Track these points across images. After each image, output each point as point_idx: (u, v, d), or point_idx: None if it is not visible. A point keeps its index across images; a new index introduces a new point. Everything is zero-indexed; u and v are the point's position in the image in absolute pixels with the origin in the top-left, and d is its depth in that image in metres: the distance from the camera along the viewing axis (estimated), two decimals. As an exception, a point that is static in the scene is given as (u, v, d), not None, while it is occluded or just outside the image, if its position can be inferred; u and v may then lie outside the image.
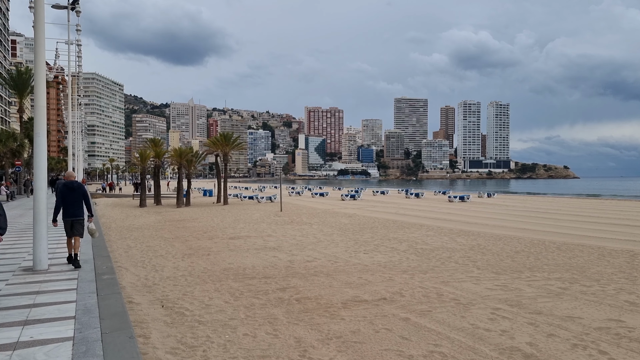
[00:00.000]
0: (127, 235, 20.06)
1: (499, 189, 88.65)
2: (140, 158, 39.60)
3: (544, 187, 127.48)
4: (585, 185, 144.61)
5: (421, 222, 23.44)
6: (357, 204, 38.83)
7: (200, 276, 11.40)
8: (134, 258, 14.16)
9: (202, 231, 21.08)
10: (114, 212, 32.83)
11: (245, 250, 15.39)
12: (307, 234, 19.47)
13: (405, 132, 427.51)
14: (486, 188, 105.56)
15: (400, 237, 17.93)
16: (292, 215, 27.93)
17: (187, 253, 15.04)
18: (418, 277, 10.98)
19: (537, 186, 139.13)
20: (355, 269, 12.06)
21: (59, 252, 11.57)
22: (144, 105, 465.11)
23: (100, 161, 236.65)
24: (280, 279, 10.92)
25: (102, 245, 12.02)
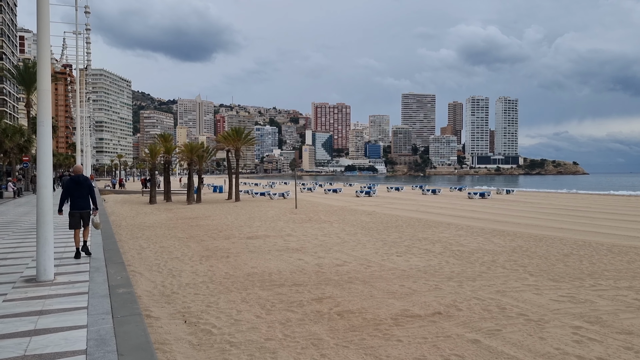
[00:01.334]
0: (138, 234, 18.98)
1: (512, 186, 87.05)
2: (150, 154, 38.54)
3: (555, 183, 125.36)
4: (598, 182, 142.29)
5: (447, 221, 22.21)
6: (373, 200, 37.60)
7: (222, 283, 10.27)
8: (147, 261, 13.06)
9: (217, 230, 19.97)
10: (124, 210, 31.81)
11: (267, 252, 14.26)
12: (329, 233, 18.32)
13: (413, 128, 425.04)
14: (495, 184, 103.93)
15: (430, 237, 16.73)
16: (309, 213, 26.78)
17: (205, 255, 13.93)
18: (467, 285, 9.79)
19: (547, 182, 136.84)
20: (393, 274, 10.89)
21: (67, 255, 10.47)
22: (152, 102, 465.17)
23: (108, 157, 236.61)
24: (312, 287, 9.77)
25: (115, 248, 10.89)
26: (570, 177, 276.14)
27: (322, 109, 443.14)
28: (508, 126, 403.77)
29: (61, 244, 12.22)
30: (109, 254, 9.88)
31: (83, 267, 8.61)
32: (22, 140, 39.60)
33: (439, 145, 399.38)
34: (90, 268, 8.38)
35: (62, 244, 12.23)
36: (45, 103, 6.82)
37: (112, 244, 11.36)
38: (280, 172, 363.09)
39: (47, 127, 6.77)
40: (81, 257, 10.32)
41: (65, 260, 9.81)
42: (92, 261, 9.15)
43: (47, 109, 6.83)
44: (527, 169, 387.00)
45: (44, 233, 6.99)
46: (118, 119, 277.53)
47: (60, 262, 9.45)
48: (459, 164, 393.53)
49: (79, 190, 10.56)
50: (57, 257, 10.03)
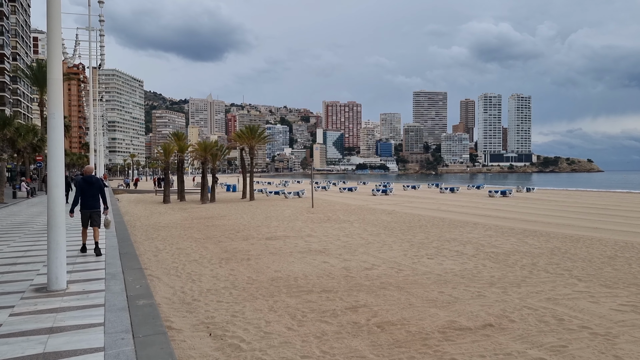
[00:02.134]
0: (153, 235, 18.37)
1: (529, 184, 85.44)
2: (164, 152, 38.00)
3: (572, 181, 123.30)
4: (615, 179, 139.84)
5: (473, 220, 21.34)
6: (391, 199, 36.75)
7: (246, 289, 9.56)
8: (164, 264, 12.40)
9: (234, 230, 19.30)
10: (138, 209, 31.29)
11: (288, 254, 13.54)
12: (351, 233, 17.56)
13: (425, 125, 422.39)
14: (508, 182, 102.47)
15: (459, 238, 15.91)
16: (326, 212, 26.04)
17: (224, 257, 13.24)
18: (513, 292, 8.98)
19: (563, 180, 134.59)
20: (428, 279, 10.11)
21: (80, 260, 9.82)
22: (163, 102, 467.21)
23: (121, 157, 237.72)
24: (343, 294, 9.02)
25: (131, 251, 10.20)
26: (585, 174, 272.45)
27: (333, 108, 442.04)
28: (521, 123, 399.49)
29: (75, 246, 11.60)
30: (125, 258, 9.20)
31: (98, 274, 7.93)
32: (35, 139, 39.28)
33: (451, 143, 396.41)
34: (106, 275, 7.69)
35: (75, 246, 11.61)
36: (56, 93, 6.13)
37: (128, 247, 10.69)
38: (291, 170, 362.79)
39: (58, 120, 6.09)
40: (87, 252, 10.78)
41: (79, 266, 9.15)
42: (108, 267, 8.46)
43: (58, 99, 6.15)
44: (540, 166, 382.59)
45: (55, 237, 6.30)
46: (130, 118, 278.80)
47: (74, 268, 8.78)
48: (472, 162, 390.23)
49: (91, 190, 10.90)
50: (70, 262, 9.39)
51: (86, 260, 9.55)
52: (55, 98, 6.14)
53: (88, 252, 10.80)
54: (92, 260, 9.50)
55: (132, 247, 10.83)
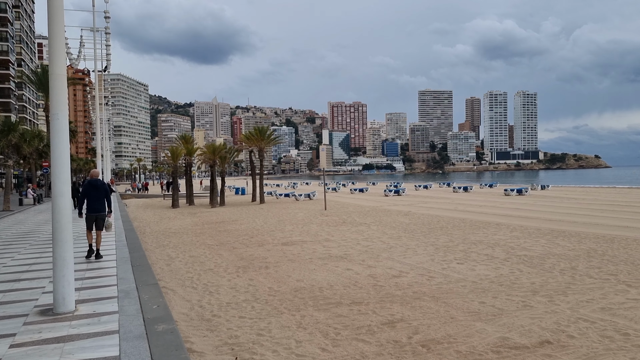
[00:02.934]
0: (164, 242, 17.72)
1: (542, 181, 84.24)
2: (172, 156, 37.39)
3: (582, 177, 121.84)
4: (625, 175, 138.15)
5: (494, 220, 20.53)
6: (404, 199, 35.97)
7: (269, 301, 8.85)
8: (178, 274, 11.73)
9: (247, 235, 18.62)
10: (147, 215, 30.70)
11: (308, 261, 12.83)
12: (371, 237, 16.83)
13: (430, 124, 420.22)
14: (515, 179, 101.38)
15: (485, 240, 15.13)
16: (341, 215, 25.31)
17: (241, 265, 12.55)
18: (561, 301, 8.23)
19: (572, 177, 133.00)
20: (464, 287, 9.37)
21: (89, 275, 9.12)
22: (168, 105, 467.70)
23: (127, 161, 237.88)
24: (375, 306, 8.30)
25: (144, 263, 9.47)
26: (593, 171, 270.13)
27: (339, 108, 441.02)
28: (527, 120, 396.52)
29: (82, 254, 10.93)
30: (138, 272, 8.48)
31: (110, 291, 7.18)
32: (41, 145, 38.78)
33: (457, 142, 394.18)
34: (119, 292, 6.95)
35: (83, 255, 10.94)
36: (59, 91, 5.43)
37: (141, 258, 9.98)
38: (297, 172, 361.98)
39: (62, 121, 5.39)
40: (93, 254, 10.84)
41: (89, 281, 8.45)
42: (121, 282, 7.72)
43: (62, 98, 5.45)
44: (547, 163, 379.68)
45: (61, 253, 5.59)
46: (136, 123, 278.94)
47: (82, 284, 8.05)
48: (478, 160, 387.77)
49: (96, 193, 11.03)
50: (79, 276, 8.70)
51: (96, 275, 8.83)
52: (58, 97, 5.44)
53: (97, 261, 10.62)
54: (103, 274, 8.80)
55: (144, 258, 10.13)
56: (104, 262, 10.14)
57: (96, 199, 10.95)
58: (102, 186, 11.19)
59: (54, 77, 5.45)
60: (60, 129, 5.46)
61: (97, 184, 11.11)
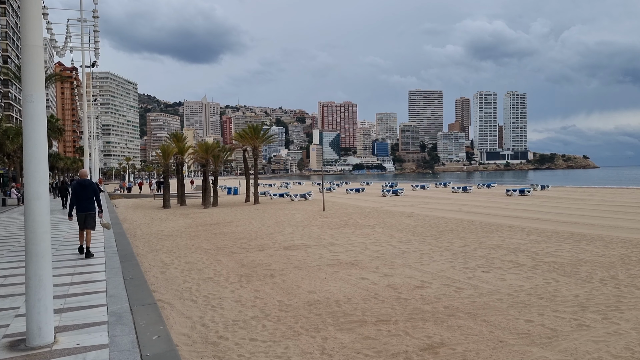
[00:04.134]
0: (157, 245, 16.51)
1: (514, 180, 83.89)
2: (162, 154, 36.04)
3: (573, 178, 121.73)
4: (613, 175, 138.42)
5: (505, 223, 19.51)
6: (403, 200, 34.91)
7: (281, 318, 7.74)
8: (175, 283, 10.57)
9: (245, 238, 17.46)
10: (137, 215, 29.38)
11: (316, 268, 11.72)
12: (378, 241, 15.74)
13: (420, 125, 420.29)
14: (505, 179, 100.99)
15: (503, 245, 14.10)
16: (341, 216, 24.21)
17: (243, 273, 11.41)
18: (618, 318, 7.19)
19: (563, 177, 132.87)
20: (500, 301, 8.31)
21: (73, 291, 7.91)
22: (157, 104, 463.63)
23: (116, 160, 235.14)
24: (406, 325, 7.21)
25: (139, 276, 8.20)
26: (581, 171, 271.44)
27: (329, 108, 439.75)
28: (516, 121, 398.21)
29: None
30: (132, 287, 7.24)
31: (99, 313, 5.93)
32: (26, 143, 37.22)
33: (447, 142, 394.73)
34: (110, 315, 5.70)
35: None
36: (35, 66, 4.24)
37: (134, 268, 8.77)
38: (287, 172, 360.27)
39: (38, 105, 4.21)
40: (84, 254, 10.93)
41: (73, 299, 7.25)
42: (111, 301, 6.48)
43: (38, 75, 4.26)
44: (536, 163, 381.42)
45: (37, 271, 4.38)
46: (125, 122, 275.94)
47: (65, 303, 6.82)
48: (468, 160, 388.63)
49: (85, 193, 11.23)
50: (61, 292, 7.50)
51: (83, 290, 7.56)
52: (33, 74, 4.26)
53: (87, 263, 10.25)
54: (91, 289, 7.55)
55: (138, 268, 8.92)
56: (93, 273, 8.91)
57: (85, 199, 11.21)
58: (91, 186, 11.47)
59: (27, 48, 4.28)
60: (35, 115, 4.29)
61: (85, 183, 11.40)
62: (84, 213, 11.16)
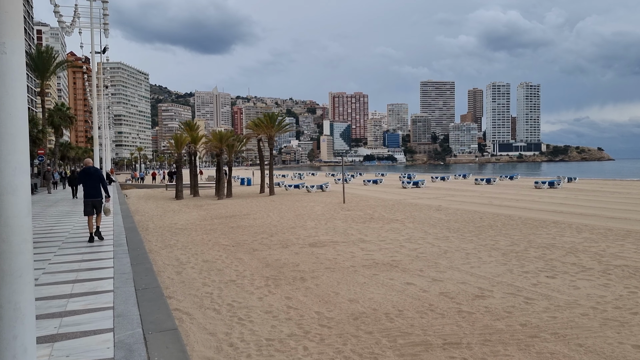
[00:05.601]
0: (171, 240, 15.22)
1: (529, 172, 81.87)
2: (175, 144, 34.81)
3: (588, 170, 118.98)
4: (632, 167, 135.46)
5: (548, 218, 17.95)
6: (426, 192, 33.39)
7: (325, 337, 6.38)
8: (192, 287, 9.25)
9: (265, 233, 16.14)
10: (149, 207, 28.20)
11: (351, 270, 10.36)
12: (413, 237, 14.33)
13: (432, 116, 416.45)
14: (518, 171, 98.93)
15: (555, 243, 12.63)
16: (364, 209, 22.81)
17: (269, 275, 10.07)
18: None
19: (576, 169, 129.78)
20: (586, 317, 6.89)
21: (72, 307, 6.61)
22: (169, 95, 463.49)
23: (127, 151, 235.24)
24: (483, 351, 5.82)
25: (153, 283, 6.79)
26: (596, 163, 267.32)
27: (340, 99, 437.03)
28: (530, 112, 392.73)
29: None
30: (146, 303, 5.78)
31: (102, 342, 4.62)
32: (35, 131, 36.12)
33: (459, 133, 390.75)
34: (116, 346, 4.33)
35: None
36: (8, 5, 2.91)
37: (147, 274, 7.39)
38: (298, 163, 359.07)
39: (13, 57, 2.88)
40: (94, 241, 11.30)
41: (70, 321, 5.97)
42: (119, 324, 5.13)
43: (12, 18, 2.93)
44: (550, 155, 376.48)
45: (12, 297, 2.86)
46: (136, 112, 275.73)
47: (61, 325, 5.55)
48: (480, 151, 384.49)
49: (90, 180, 11.47)
50: (56, 309, 6.19)
51: (84, 306, 6.19)
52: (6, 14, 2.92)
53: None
54: (95, 303, 6.10)
55: (152, 273, 7.56)
56: (99, 280, 7.53)
57: (91, 186, 11.44)
58: (95, 173, 11.67)
59: None
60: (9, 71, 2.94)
61: (90, 171, 11.63)
62: (91, 200, 11.38)
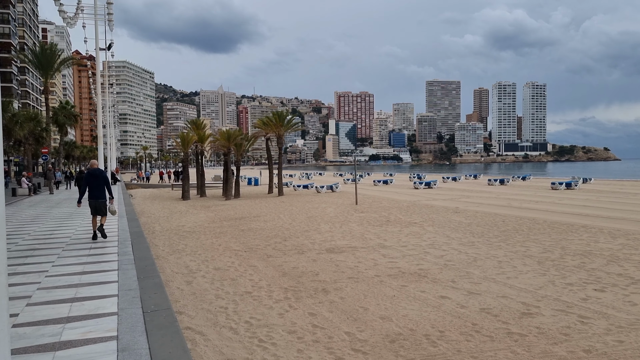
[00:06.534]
0: (180, 245, 14.42)
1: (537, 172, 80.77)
2: (182, 142, 34.01)
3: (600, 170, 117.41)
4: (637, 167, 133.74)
5: (575, 222, 17.01)
6: (440, 193, 32.44)
7: (361, 366, 5.53)
8: (205, 299, 8.43)
9: (278, 237, 15.32)
10: (155, 208, 27.44)
11: (376, 280, 9.52)
12: (436, 242, 13.46)
13: (438, 115, 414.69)
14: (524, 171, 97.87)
15: (591, 250, 11.73)
16: (379, 211, 21.95)
17: (288, 286, 9.24)
18: None
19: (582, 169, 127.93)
20: (656, 341, 6.01)
21: (68, 335, 5.79)
22: (174, 94, 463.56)
23: (133, 150, 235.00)
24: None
25: (164, 304, 5.85)
26: (602, 163, 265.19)
27: (345, 98, 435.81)
28: (536, 112, 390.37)
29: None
30: (156, 333, 4.76)
31: None
32: (38, 129, 35.39)
33: (464, 133, 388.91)
34: None
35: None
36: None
37: (157, 291, 6.51)
38: (303, 162, 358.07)
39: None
40: (97, 239, 11.63)
41: (64, 355, 5.15)
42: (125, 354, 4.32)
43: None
44: (556, 155, 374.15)
45: None
46: (142, 111, 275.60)
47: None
48: (486, 151, 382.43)
49: (95, 182, 11.77)
50: (51, 332, 5.37)
51: (83, 333, 5.40)
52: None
53: None
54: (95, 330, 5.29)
55: (162, 290, 6.68)
56: (101, 298, 6.57)
57: (96, 187, 11.71)
58: (101, 175, 11.97)
59: None
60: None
61: (95, 172, 11.91)
62: (94, 201, 11.67)
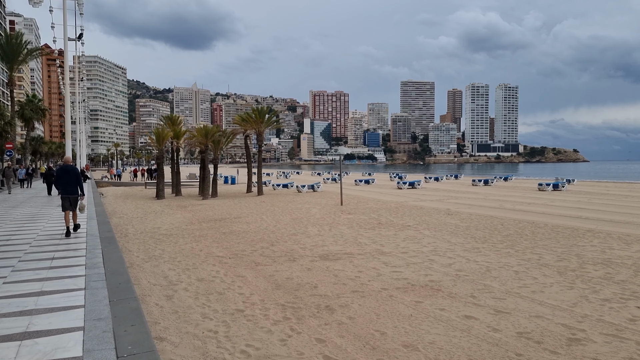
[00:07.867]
0: (156, 251, 13.01)
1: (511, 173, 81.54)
2: (157, 139, 32.31)
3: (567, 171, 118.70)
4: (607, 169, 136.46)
5: (577, 225, 16.16)
6: (425, 193, 31.49)
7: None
8: (190, 321, 7.13)
9: (264, 241, 14.05)
10: (128, 207, 25.79)
11: (386, 295, 8.36)
12: (438, 249, 12.39)
13: (412, 115, 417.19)
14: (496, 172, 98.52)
15: (609, 258, 10.81)
16: (366, 212, 20.85)
17: (285, 303, 8.01)
18: None
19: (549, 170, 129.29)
20: None
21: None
22: (147, 91, 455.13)
23: (104, 146, 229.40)
24: None
25: (145, 342, 4.68)
26: (571, 164, 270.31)
27: (321, 97, 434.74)
28: (508, 113, 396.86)
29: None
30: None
31: None
32: (1, 122, 33.14)
33: (438, 133, 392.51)
34: None
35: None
36: None
37: (135, 319, 5.16)
38: (278, 161, 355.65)
39: None
40: (71, 236, 11.59)
41: None
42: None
43: None
44: (527, 156, 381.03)
45: None
46: (113, 107, 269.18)
47: None
48: (459, 152, 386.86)
49: (68, 177, 11.81)
50: None
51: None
52: None
53: None
54: None
55: (141, 318, 5.36)
56: (58, 335, 5.12)
57: (68, 183, 11.75)
58: (73, 171, 12.04)
59: None
60: None
61: (68, 168, 12.03)
62: (68, 196, 11.68)
